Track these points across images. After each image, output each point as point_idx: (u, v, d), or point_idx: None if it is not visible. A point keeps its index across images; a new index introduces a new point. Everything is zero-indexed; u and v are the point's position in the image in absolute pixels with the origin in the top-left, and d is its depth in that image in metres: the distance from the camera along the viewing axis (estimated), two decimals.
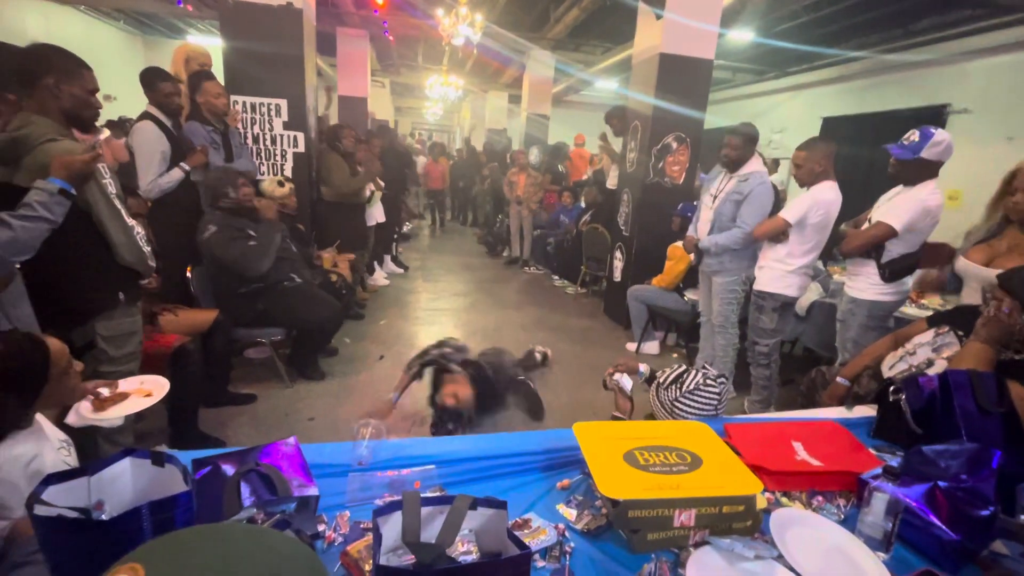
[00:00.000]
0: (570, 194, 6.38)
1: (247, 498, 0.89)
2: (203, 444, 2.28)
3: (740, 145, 2.84)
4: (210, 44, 4.07)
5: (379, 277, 5.43)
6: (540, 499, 1.11)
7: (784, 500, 1.15)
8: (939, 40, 5.72)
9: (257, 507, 0.90)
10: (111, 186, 1.59)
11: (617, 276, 4.68)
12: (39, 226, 1.38)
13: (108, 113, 5.67)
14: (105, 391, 1.36)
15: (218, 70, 3.48)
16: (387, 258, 5.93)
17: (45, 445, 1.13)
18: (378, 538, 0.67)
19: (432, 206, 9.80)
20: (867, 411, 1.63)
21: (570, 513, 1.07)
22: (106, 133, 1.51)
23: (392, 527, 0.67)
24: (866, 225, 2.38)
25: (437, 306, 4.95)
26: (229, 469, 0.96)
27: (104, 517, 0.73)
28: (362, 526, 0.97)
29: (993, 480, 1.04)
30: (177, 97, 2.80)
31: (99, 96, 1.70)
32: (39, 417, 1.17)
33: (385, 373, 3.34)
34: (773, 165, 5.63)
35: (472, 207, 10.05)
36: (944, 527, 0.98)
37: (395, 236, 5.66)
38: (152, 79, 2.70)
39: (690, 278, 3.79)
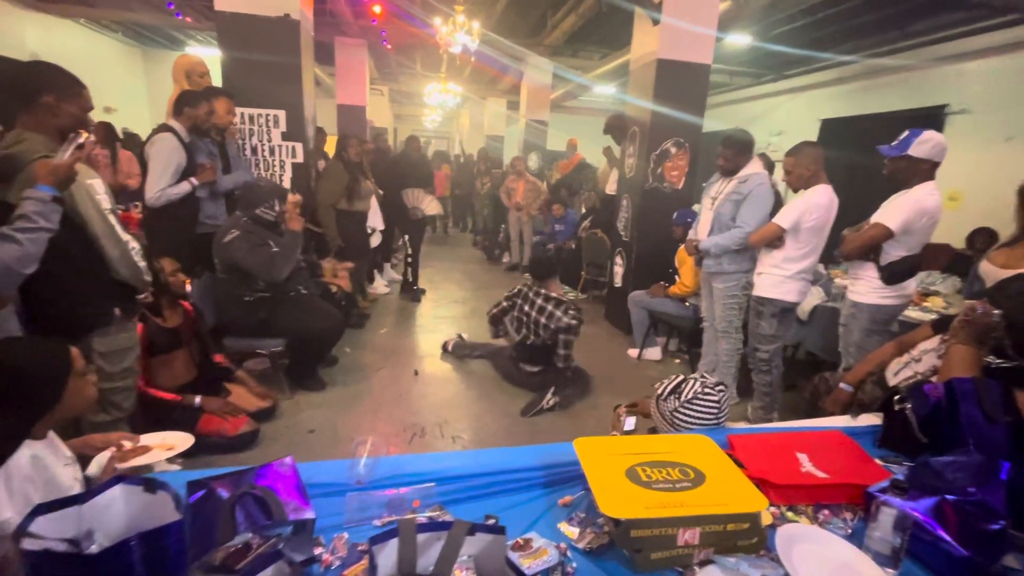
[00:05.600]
0: (561, 205, 6.34)
1: (242, 523, 0.88)
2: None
3: (732, 156, 2.87)
4: (209, 56, 4.08)
5: (379, 285, 5.43)
6: (541, 517, 1.09)
7: (790, 514, 1.13)
8: (936, 42, 5.73)
9: (252, 532, 0.88)
10: (105, 201, 1.58)
11: (618, 282, 4.66)
12: (41, 236, 1.38)
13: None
14: (128, 444, 1.36)
15: (216, 81, 3.50)
16: (387, 266, 5.93)
17: (59, 459, 1.13)
18: (373, 568, 0.65)
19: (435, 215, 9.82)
20: (873, 420, 1.61)
21: (572, 531, 1.05)
22: (84, 136, 1.51)
23: (388, 555, 0.66)
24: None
25: (438, 313, 4.94)
26: (224, 492, 0.94)
27: (94, 548, 0.71)
28: (360, 548, 0.95)
29: (1002, 492, 1.02)
30: (212, 116, 2.96)
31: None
32: (49, 433, 1.17)
33: (383, 384, 3.32)
34: (772, 166, 5.63)
35: (472, 213, 10.06)
36: (953, 542, 0.96)
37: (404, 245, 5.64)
38: (197, 100, 2.87)
39: None
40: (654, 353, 4.01)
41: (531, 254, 6.72)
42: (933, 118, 5.65)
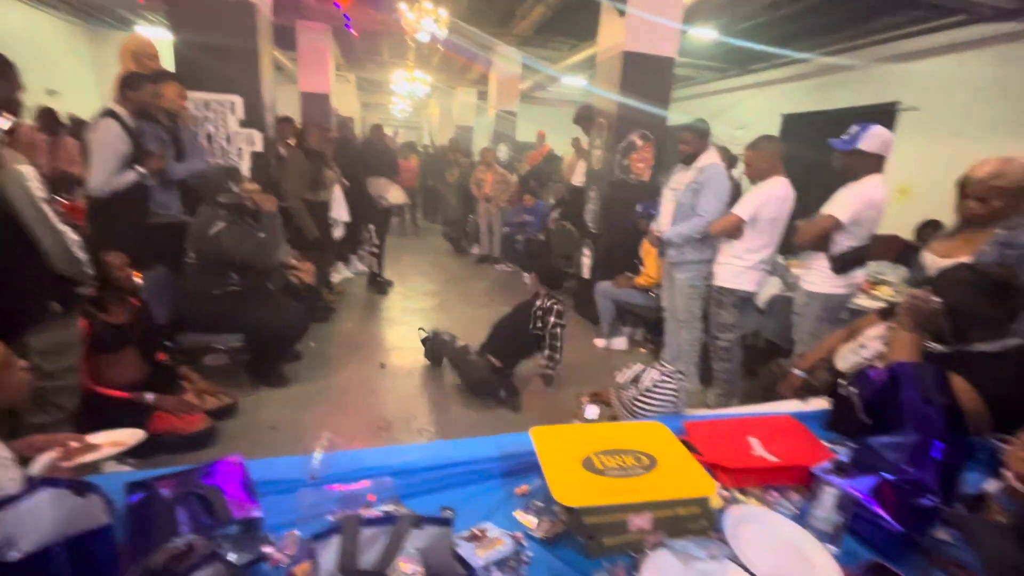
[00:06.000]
0: (531, 196, 6.40)
1: (185, 524, 0.84)
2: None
3: (692, 140, 2.99)
4: (160, 38, 3.89)
5: (344, 272, 5.34)
6: (499, 507, 1.09)
7: (740, 497, 1.17)
8: (888, 40, 5.96)
9: (196, 533, 0.85)
10: (38, 189, 1.49)
11: (586, 273, 4.70)
12: None
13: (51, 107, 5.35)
14: (74, 444, 1.29)
15: (168, 66, 3.33)
16: (353, 258, 5.82)
17: None
18: (316, 565, 0.64)
19: (402, 205, 9.67)
20: (822, 404, 1.68)
21: (529, 520, 1.05)
22: (11, 121, 1.41)
23: (331, 551, 0.64)
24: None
25: (407, 305, 4.88)
26: (166, 493, 0.91)
27: (15, 554, 0.67)
28: (311, 545, 0.93)
29: (935, 471, 1.08)
30: (159, 99, 2.81)
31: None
32: None
33: (349, 378, 3.27)
34: (734, 160, 5.76)
35: (442, 205, 9.95)
36: (889, 519, 1.00)
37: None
38: (140, 81, 2.71)
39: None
40: (620, 343, 4.07)
41: (502, 247, 6.71)
42: (885, 115, 5.87)
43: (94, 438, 1.39)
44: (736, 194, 3.04)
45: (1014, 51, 5.01)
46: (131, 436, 1.43)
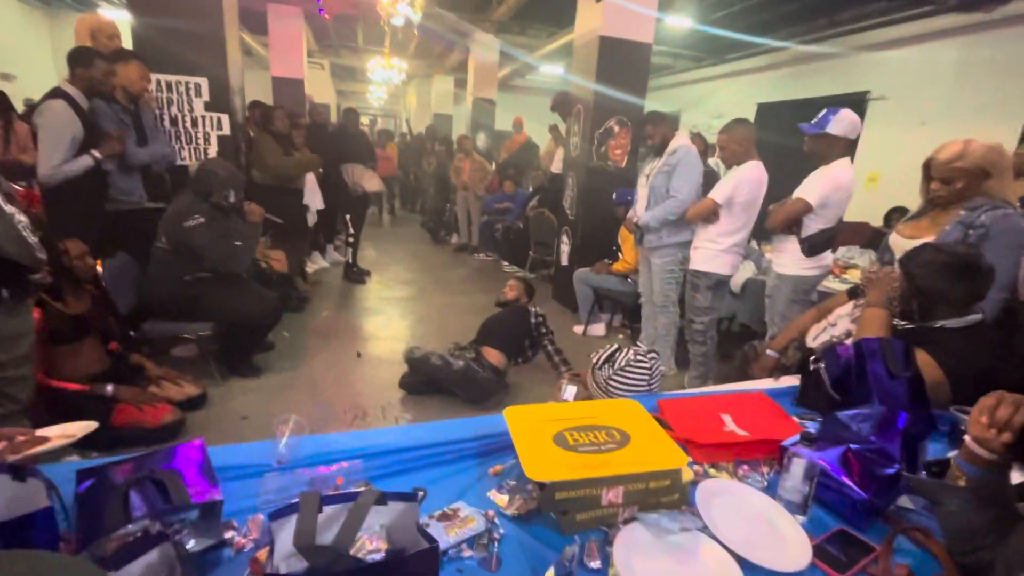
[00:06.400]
0: (511, 182, 6.39)
1: (139, 509, 0.81)
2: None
3: (655, 131, 3.06)
4: (121, 19, 3.70)
5: (318, 261, 5.24)
6: (471, 487, 1.08)
7: (712, 471, 1.18)
8: (859, 31, 6.06)
9: (151, 519, 0.81)
10: None
11: (564, 260, 4.70)
12: None
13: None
14: (21, 437, 1.22)
15: (127, 45, 3.18)
16: (329, 247, 5.71)
17: None
18: (271, 544, 0.61)
19: (380, 194, 9.54)
20: (793, 381, 1.70)
21: (502, 499, 1.04)
22: None
23: (290, 531, 0.62)
24: None
25: (384, 295, 4.82)
26: (120, 479, 0.87)
27: None
28: (270, 525, 0.91)
29: (899, 440, 1.10)
30: (113, 77, 2.65)
31: None
32: None
33: (323, 367, 3.21)
34: (712, 149, 5.81)
35: (420, 193, 9.84)
36: (855, 487, 1.02)
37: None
38: (89, 57, 2.53)
39: None
40: (599, 329, 4.09)
41: (481, 236, 6.67)
42: (856, 104, 5.99)
43: (44, 431, 1.33)
44: (711, 181, 3.06)
45: (976, 40, 5.15)
46: (82, 428, 1.37)
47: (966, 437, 0.93)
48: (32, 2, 8.50)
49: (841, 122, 2.29)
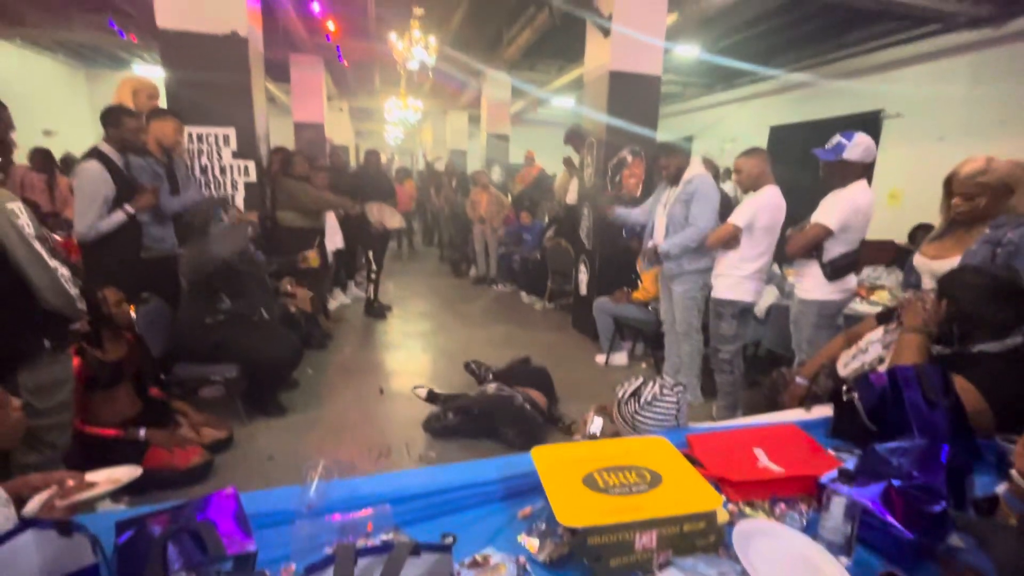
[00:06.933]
0: (527, 213, 6.51)
1: (176, 562, 0.82)
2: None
3: (669, 161, 3.08)
4: (156, 76, 3.95)
5: (340, 298, 5.35)
6: (501, 531, 1.07)
7: (748, 511, 1.14)
8: (869, 51, 6.10)
9: (188, 571, 0.82)
10: (28, 227, 1.49)
11: (583, 290, 4.70)
12: None
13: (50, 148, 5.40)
14: (71, 482, 1.26)
15: (162, 101, 3.38)
16: (350, 284, 5.82)
17: None
18: None
19: (399, 229, 9.74)
20: (826, 411, 1.66)
21: (532, 543, 1.02)
22: None
23: None
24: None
25: (405, 329, 4.86)
26: (157, 530, 0.88)
27: None
28: None
29: (943, 475, 1.06)
30: (144, 134, 2.79)
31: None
32: None
33: (347, 405, 3.23)
34: (726, 174, 5.82)
35: (437, 228, 10.01)
36: (900, 526, 0.98)
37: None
38: (118, 116, 2.66)
39: None
40: (621, 358, 4.05)
41: (499, 267, 6.73)
42: (871, 123, 5.97)
43: (91, 476, 1.36)
44: (727, 206, 3.07)
45: (986, 56, 5.14)
46: (128, 473, 1.40)
47: (1012, 471, 0.89)
48: (72, 63, 9.10)
49: (857, 148, 2.28)
